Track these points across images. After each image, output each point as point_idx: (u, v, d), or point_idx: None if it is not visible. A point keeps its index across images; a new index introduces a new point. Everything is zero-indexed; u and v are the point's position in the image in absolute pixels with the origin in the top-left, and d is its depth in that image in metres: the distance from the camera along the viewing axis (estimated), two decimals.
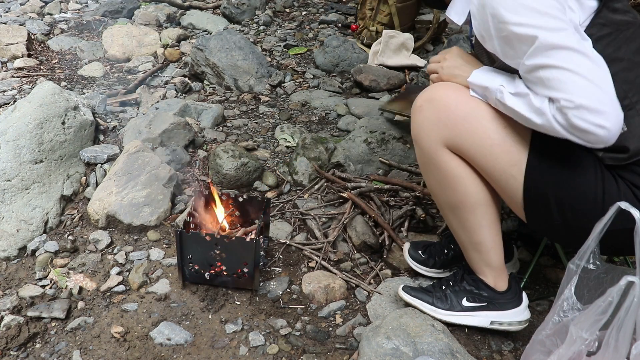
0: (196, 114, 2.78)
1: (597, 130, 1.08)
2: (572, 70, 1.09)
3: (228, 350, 1.51)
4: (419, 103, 1.39)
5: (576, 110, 1.09)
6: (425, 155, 1.41)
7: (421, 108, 1.38)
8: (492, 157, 1.30)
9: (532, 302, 1.62)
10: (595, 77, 1.09)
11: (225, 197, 1.82)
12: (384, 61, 3.43)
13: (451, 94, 1.35)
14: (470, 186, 1.38)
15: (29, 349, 1.50)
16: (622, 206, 1.08)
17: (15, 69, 3.25)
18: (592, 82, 1.09)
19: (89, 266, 1.80)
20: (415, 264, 1.77)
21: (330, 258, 1.87)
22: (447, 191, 1.41)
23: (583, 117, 1.08)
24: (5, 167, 1.99)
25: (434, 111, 1.35)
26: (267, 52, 3.74)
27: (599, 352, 1.08)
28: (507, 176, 1.30)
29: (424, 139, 1.38)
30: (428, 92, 1.39)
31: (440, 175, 1.40)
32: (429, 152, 1.38)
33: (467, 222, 1.42)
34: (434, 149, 1.37)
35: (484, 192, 1.39)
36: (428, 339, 1.41)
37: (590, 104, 1.08)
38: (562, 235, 1.36)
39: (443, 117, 1.33)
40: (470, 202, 1.39)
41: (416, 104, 1.41)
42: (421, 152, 1.42)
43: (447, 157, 1.36)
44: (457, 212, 1.43)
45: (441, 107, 1.34)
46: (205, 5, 4.52)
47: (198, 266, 1.65)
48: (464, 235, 1.46)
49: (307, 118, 2.91)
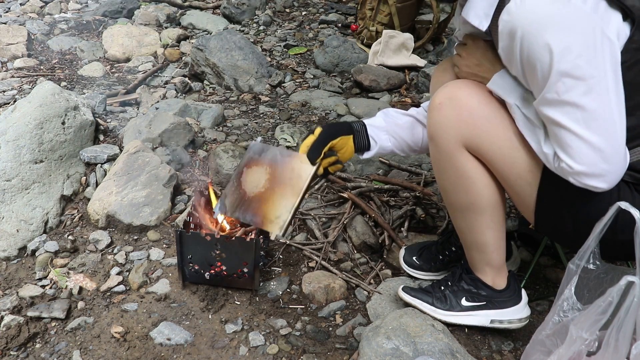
0: (196, 114, 2.78)
1: (593, 188, 1.15)
2: (580, 136, 1.11)
3: (228, 350, 1.51)
4: (439, 100, 1.33)
5: (575, 175, 1.14)
6: (441, 154, 1.36)
7: (441, 106, 1.33)
8: (511, 160, 1.28)
9: (532, 302, 1.62)
10: (603, 140, 1.10)
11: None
12: (384, 61, 3.43)
13: (474, 93, 1.30)
14: (483, 189, 1.35)
15: (29, 349, 1.50)
16: (622, 206, 1.07)
17: (15, 69, 3.25)
18: (598, 150, 1.10)
19: (89, 266, 1.80)
20: (411, 270, 1.77)
21: (330, 258, 1.87)
22: (460, 192, 1.39)
23: (580, 181, 1.15)
24: (5, 167, 1.99)
25: (455, 110, 1.30)
26: (267, 52, 3.74)
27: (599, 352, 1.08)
28: (522, 181, 1.28)
29: (441, 137, 1.34)
30: (448, 89, 1.33)
31: (455, 176, 1.37)
32: (446, 151, 1.34)
33: (475, 223, 1.41)
34: (452, 148, 1.33)
35: (496, 195, 1.37)
36: (428, 339, 1.41)
37: (589, 170, 1.12)
38: (570, 240, 1.34)
39: (464, 116, 1.29)
40: (482, 205, 1.37)
41: (435, 101, 1.35)
42: (437, 150, 1.37)
43: (464, 158, 1.33)
44: (466, 213, 1.41)
45: (463, 105, 1.29)
46: (205, 5, 4.52)
47: (198, 266, 1.65)
48: (469, 236, 1.45)
49: (307, 118, 2.91)
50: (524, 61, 1.15)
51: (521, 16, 1.11)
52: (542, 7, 1.09)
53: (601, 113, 1.09)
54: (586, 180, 1.13)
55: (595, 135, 1.10)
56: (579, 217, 1.23)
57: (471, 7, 1.27)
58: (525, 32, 1.11)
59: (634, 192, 1.21)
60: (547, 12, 1.08)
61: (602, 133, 1.10)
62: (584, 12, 1.07)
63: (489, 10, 1.24)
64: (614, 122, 1.10)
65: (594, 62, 1.07)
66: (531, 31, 1.10)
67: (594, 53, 1.07)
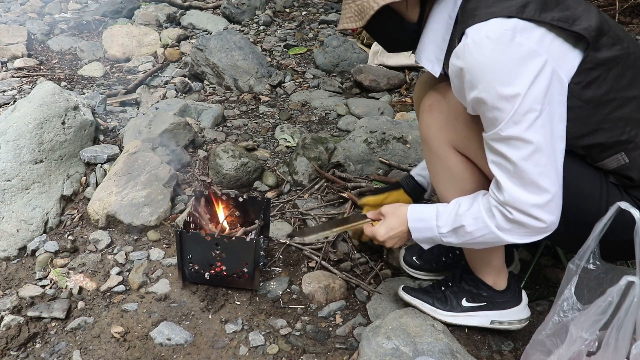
0: (196, 114, 2.78)
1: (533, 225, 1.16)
2: (514, 172, 1.13)
3: (228, 350, 1.51)
4: (428, 103, 1.37)
5: (505, 204, 1.17)
6: (433, 155, 1.39)
7: (430, 108, 1.36)
8: None
9: (532, 302, 1.62)
10: (538, 177, 1.12)
11: (225, 197, 1.82)
12: (384, 61, 3.43)
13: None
14: (475, 189, 1.36)
15: (29, 349, 1.50)
16: (622, 206, 1.08)
17: (15, 69, 3.25)
18: (526, 189, 1.13)
19: (89, 266, 1.80)
20: (411, 270, 1.77)
21: (330, 258, 1.87)
22: (453, 192, 1.39)
23: (510, 214, 1.17)
24: (5, 167, 1.99)
25: (443, 112, 1.33)
26: (267, 52, 3.74)
27: (599, 352, 1.08)
28: None
29: (432, 139, 1.37)
30: (437, 91, 1.36)
31: (448, 176, 1.39)
32: (437, 152, 1.37)
33: None
34: (442, 150, 1.35)
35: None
36: (428, 339, 1.41)
37: (512, 201, 1.15)
38: (564, 241, 1.37)
39: (452, 118, 1.31)
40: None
41: (425, 103, 1.38)
42: (429, 151, 1.40)
43: (455, 159, 1.35)
44: None
45: (451, 108, 1.31)
46: (205, 5, 4.52)
47: (198, 266, 1.65)
48: None
49: (307, 118, 2.91)
50: (473, 102, 1.16)
51: (467, 59, 1.11)
52: (486, 49, 1.09)
53: (543, 146, 1.10)
54: (515, 213, 1.16)
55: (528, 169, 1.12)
56: (569, 218, 1.23)
57: (422, 51, 1.30)
58: (470, 75, 1.12)
59: (623, 193, 1.22)
60: (489, 55, 1.09)
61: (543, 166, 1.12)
62: (528, 50, 1.08)
63: (439, 54, 1.27)
64: (554, 154, 1.12)
65: (536, 99, 1.08)
66: (474, 73, 1.11)
67: (536, 90, 1.08)
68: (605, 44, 1.13)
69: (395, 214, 1.37)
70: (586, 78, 1.13)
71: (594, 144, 1.19)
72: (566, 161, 1.22)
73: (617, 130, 1.17)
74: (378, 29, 1.30)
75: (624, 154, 1.18)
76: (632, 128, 1.17)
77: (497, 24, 1.09)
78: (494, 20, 1.10)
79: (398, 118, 2.84)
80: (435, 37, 1.25)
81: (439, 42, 1.25)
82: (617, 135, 1.17)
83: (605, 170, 1.23)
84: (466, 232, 1.25)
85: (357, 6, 1.21)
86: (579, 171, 1.23)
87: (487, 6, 1.13)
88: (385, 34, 1.33)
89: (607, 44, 1.14)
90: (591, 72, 1.13)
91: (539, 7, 1.12)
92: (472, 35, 1.10)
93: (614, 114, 1.16)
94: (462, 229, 1.25)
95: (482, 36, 1.09)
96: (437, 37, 1.25)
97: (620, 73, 1.15)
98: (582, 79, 1.13)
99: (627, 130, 1.17)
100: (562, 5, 1.14)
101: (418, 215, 1.34)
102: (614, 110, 1.16)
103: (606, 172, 1.24)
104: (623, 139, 1.17)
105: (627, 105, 1.17)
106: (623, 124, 1.17)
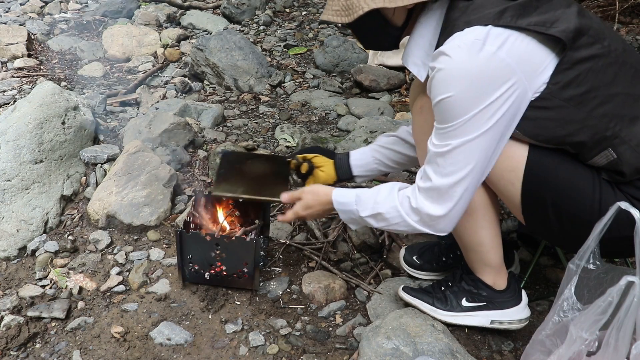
0: (196, 114, 2.78)
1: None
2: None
3: (228, 350, 1.51)
4: (420, 104, 1.38)
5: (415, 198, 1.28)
6: (424, 156, 1.39)
7: (421, 110, 1.38)
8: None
9: (532, 302, 1.62)
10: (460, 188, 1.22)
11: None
12: (384, 61, 3.43)
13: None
14: None
15: (29, 349, 1.50)
16: (622, 206, 1.08)
17: (15, 69, 3.25)
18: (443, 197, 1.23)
19: (89, 266, 1.80)
20: (411, 270, 1.77)
21: (330, 258, 1.87)
22: None
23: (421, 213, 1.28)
24: (5, 167, 1.99)
25: (432, 114, 1.32)
26: (267, 52, 3.74)
27: (599, 352, 1.08)
28: (505, 182, 1.30)
29: (424, 141, 1.36)
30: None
31: None
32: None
33: (466, 224, 1.42)
34: None
35: (484, 195, 1.39)
36: (428, 339, 1.41)
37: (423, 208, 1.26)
38: (560, 240, 1.38)
39: None
40: (471, 205, 1.38)
41: (417, 105, 1.40)
42: (421, 152, 1.42)
43: None
44: None
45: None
46: (205, 5, 4.52)
47: (198, 266, 1.65)
48: (464, 236, 1.46)
49: (307, 118, 2.91)
50: (435, 105, 1.20)
51: (439, 65, 1.16)
52: (455, 58, 1.13)
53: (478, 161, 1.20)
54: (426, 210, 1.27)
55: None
56: (562, 216, 1.25)
57: (410, 55, 1.33)
58: (436, 81, 1.17)
59: (616, 190, 1.23)
60: (458, 65, 1.13)
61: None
62: (497, 67, 1.12)
63: (426, 59, 1.30)
64: (482, 171, 1.23)
65: (490, 117, 1.15)
66: (441, 80, 1.16)
67: (492, 110, 1.14)
68: (583, 43, 1.15)
69: (314, 192, 1.49)
70: (564, 78, 1.15)
71: (580, 142, 1.20)
72: (558, 160, 1.23)
73: (602, 126, 1.18)
74: (361, 28, 1.33)
75: (611, 150, 1.19)
76: (615, 123, 1.18)
77: (472, 33, 1.13)
78: (468, 30, 1.14)
79: (398, 118, 2.84)
80: (423, 42, 1.28)
81: (426, 47, 1.28)
82: (602, 131, 1.18)
83: (597, 168, 1.24)
84: (384, 218, 1.34)
85: (345, 1, 1.24)
86: (571, 169, 1.24)
87: (467, 15, 1.16)
88: (367, 34, 1.36)
89: (586, 43, 1.15)
90: (569, 72, 1.15)
91: (516, 13, 1.14)
92: (448, 43, 1.15)
93: (597, 111, 1.17)
94: (380, 215, 1.34)
95: (454, 45, 1.14)
96: (425, 43, 1.28)
97: (600, 70, 1.16)
98: (560, 79, 1.15)
99: (612, 126, 1.18)
100: (542, 8, 1.17)
101: (341, 199, 1.43)
102: (596, 107, 1.17)
103: (598, 170, 1.24)
104: (608, 135, 1.18)
105: (610, 101, 1.18)
106: (607, 120, 1.18)
